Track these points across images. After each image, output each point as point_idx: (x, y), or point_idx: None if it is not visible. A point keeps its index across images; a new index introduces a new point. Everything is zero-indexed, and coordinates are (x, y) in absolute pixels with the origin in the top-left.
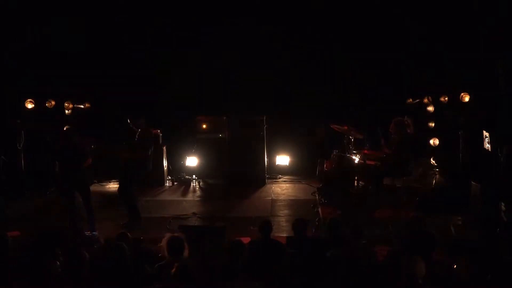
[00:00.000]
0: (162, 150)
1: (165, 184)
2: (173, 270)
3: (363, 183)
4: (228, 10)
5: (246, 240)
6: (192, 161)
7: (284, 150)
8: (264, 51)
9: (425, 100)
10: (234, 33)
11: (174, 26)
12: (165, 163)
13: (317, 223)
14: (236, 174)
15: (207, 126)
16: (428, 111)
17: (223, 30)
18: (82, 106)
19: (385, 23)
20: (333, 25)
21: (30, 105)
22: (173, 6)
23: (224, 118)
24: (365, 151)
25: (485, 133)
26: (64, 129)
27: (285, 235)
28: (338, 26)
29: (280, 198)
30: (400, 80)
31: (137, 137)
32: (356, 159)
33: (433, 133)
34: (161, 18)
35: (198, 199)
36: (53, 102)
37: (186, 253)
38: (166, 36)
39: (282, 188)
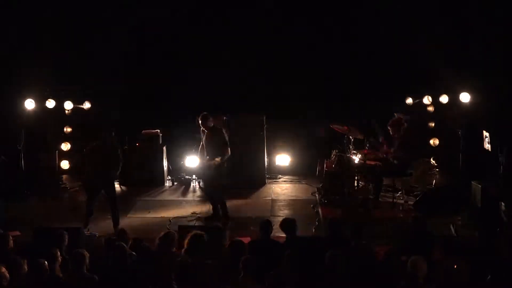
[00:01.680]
0: (162, 150)
1: (165, 184)
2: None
3: (363, 183)
4: (228, 10)
5: (246, 240)
6: (192, 161)
7: (284, 150)
8: (264, 50)
9: (425, 100)
10: (234, 33)
11: (174, 25)
12: (165, 163)
13: (317, 223)
14: (236, 174)
15: None
16: (428, 111)
17: (223, 30)
18: (82, 106)
19: (385, 23)
20: (333, 25)
21: (30, 105)
22: (173, 6)
23: (224, 118)
24: (365, 151)
25: (485, 133)
26: (102, 129)
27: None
28: (338, 26)
29: (280, 198)
30: (400, 80)
31: (207, 139)
32: (356, 159)
33: (433, 133)
34: (161, 18)
35: (198, 199)
36: (53, 102)
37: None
38: (166, 35)
39: (282, 188)
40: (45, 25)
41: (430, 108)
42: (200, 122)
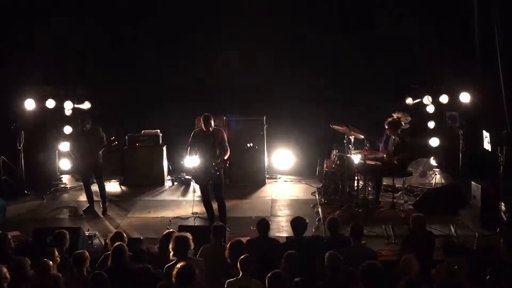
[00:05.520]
0: (162, 150)
1: (165, 184)
2: (175, 270)
3: (363, 183)
4: (228, 10)
5: (246, 240)
6: (191, 161)
7: (284, 150)
8: (263, 50)
9: (425, 100)
10: (234, 33)
11: (175, 25)
12: (165, 163)
13: (317, 223)
14: (236, 174)
15: None
16: (428, 111)
17: (223, 30)
18: (82, 106)
19: (385, 23)
20: (333, 25)
21: (30, 105)
22: (174, 6)
23: (224, 118)
24: (365, 151)
25: (485, 133)
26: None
27: (285, 235)
28: (338, 26)
29: (280, 198)
30: (400, 80)
31: (209, 140)
32: (356, 159)
33: (433, 133)
34: (162, 18)
35: (198, 199)
36: (53, 102)
37: (190, 252)
38: (166, 35)
39: (282, 188)
40: (45, 24)
41: (430, 108)
42: (202, 123)
